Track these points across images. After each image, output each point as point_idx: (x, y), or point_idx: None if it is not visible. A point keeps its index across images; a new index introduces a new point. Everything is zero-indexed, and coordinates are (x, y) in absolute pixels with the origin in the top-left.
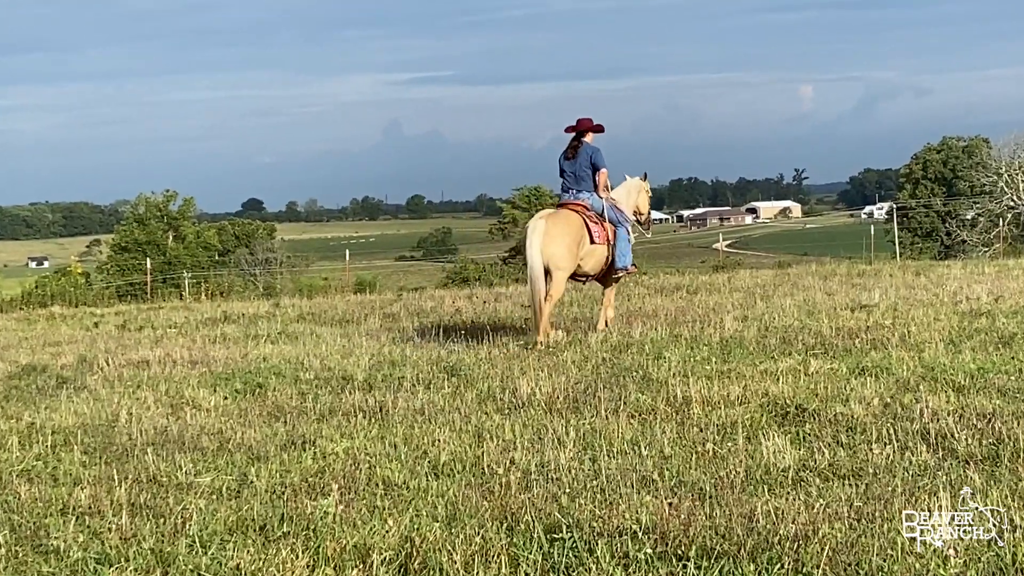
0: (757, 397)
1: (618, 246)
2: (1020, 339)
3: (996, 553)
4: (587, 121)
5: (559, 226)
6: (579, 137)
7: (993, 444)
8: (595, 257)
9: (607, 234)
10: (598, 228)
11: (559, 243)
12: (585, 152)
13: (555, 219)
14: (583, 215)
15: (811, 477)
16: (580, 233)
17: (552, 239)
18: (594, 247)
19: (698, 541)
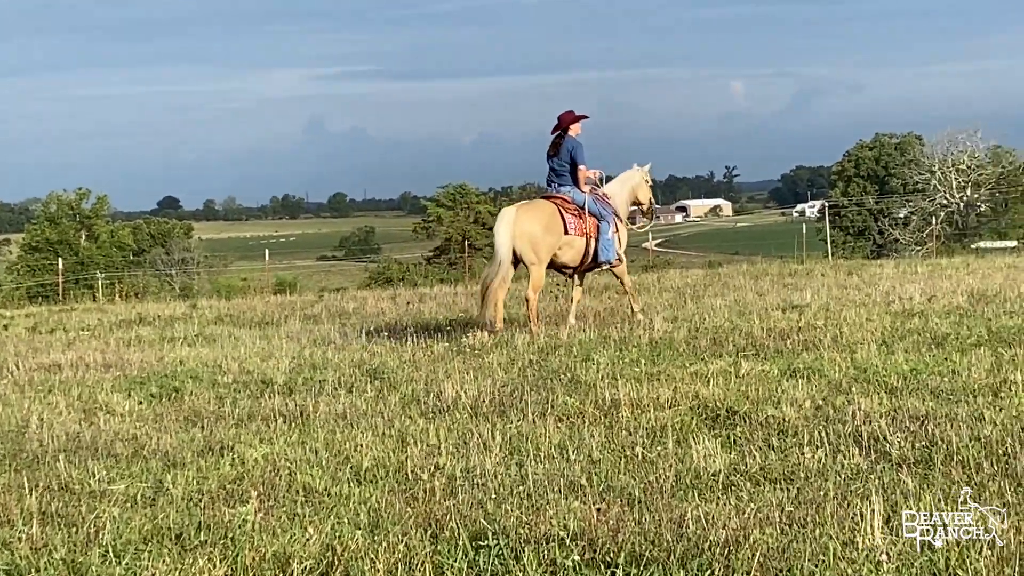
0: (687, 400)
1: (601, 240)
2: (953, 340)
3: (929, 558)
4: (568, 115)
5: (530, 214)
6: (563, 133)
7: (926, 447)
8: (573, 249)
9: (585, 227)
10: (575, 220)
11: (529, 230)
12: (566, 147)
13: (527, 207)
14: (560, 206)
15: (742, 481)
16: (554, 222)
17: (522, 225)
18: (570, 238)
19: (627, 548)
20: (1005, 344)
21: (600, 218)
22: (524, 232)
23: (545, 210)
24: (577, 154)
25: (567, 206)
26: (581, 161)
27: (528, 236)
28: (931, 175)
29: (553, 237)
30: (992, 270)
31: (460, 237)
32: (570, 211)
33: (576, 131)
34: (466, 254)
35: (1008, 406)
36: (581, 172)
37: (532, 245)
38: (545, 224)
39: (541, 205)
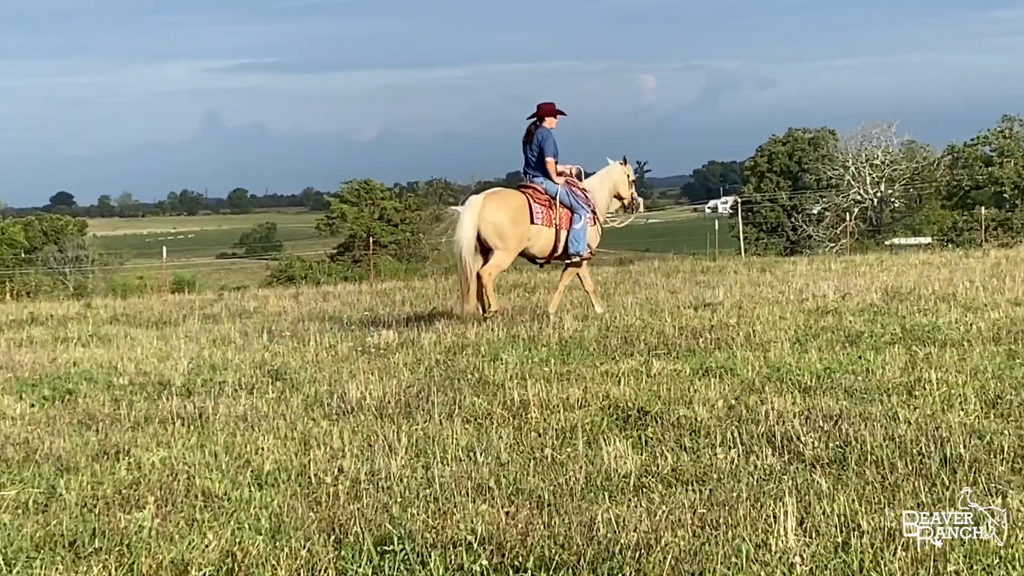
0: (598, 400)
1: (572, 231)
2: (867, 338)
3: (843, 560)
4: (548, 107)
5: (496, 203)
6: (539, 121)
7: (840, 446)
8: (541, 240)
9: (553, 217)
10: (543, 210)
11: (494, 219)
12: (537, 137)
13: (494, 196)
14: (529, 196)
15: (653, 483)
16: (521, 211)
17: (487, 214)
18: (537, 228)
19: (536, 551)
20: (919, 342)
21: (572, 210)
22: (489, 221)
23: (513, 200)
24: (545, 146)
25: (538, 196)
26: (548, 153)
27: (493, 224)
28: (845, 171)
29: (521, 228)
30: (906, 267)
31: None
32: (539, 201)
33: (551, 124)
34: (371, 251)
35: (922, 405)
36: (548, 163)
37: (498, 233)
38: (512, 215)
39: (509, 195)
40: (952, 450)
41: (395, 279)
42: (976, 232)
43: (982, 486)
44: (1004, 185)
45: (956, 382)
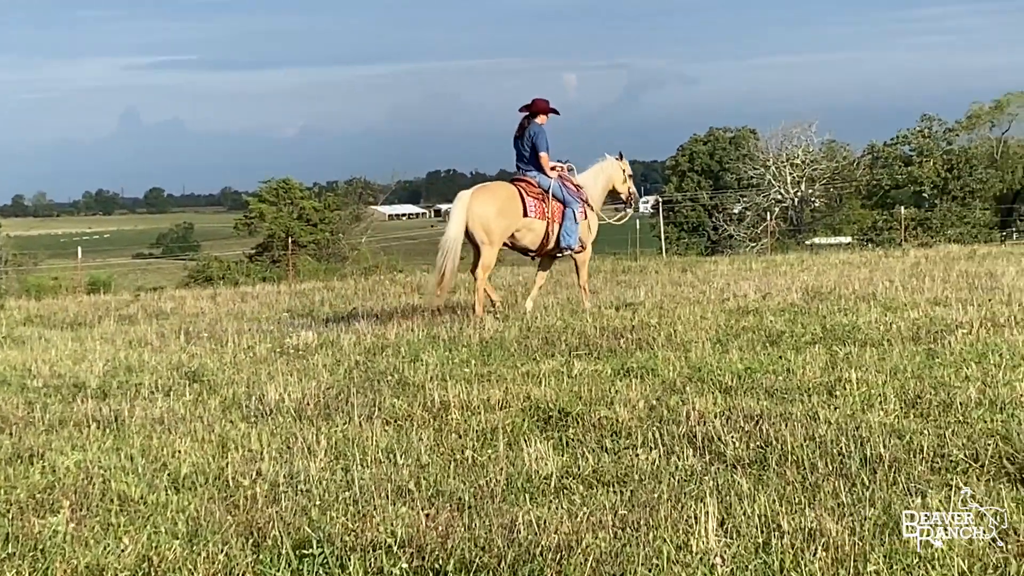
0: (518, 401)
1: (564, 225)
2: (788, 338)
3: (764, 561)
4: (541, 103)
5: (484, 196)
6: (531, 117)
7: (761, 447)
8: (533, 232)
9: (545, 211)
10: (536, 203)
11: (481, 212)
12: (529, 132)
13: (483, 190)
14: (522, 189)
15: (574, 484)
16: (510, 205)
17: (475, 207)
18: (530, 221)
19: (456, 554)
20: (839, 342)
21: (565, 204)
22: (476, 214)
23: (501, 193)
24: (538, 141)
25: (531, 189)
26: (541, 148)
27: (480, 218)
28: (766, 170)
29: (507, 220)
30: (826, 267)
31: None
32: (532, 194)
33: (543, 120)
34: (290, 251)
35: (842, 405)
36: (542, 158)
37: (484, 226)
38: (499, 207)
39: (498, 188)
40: (872, 450)
41: (314, 279)
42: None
43: (902, 486)
44: (923, 184)
45: (876, 382)
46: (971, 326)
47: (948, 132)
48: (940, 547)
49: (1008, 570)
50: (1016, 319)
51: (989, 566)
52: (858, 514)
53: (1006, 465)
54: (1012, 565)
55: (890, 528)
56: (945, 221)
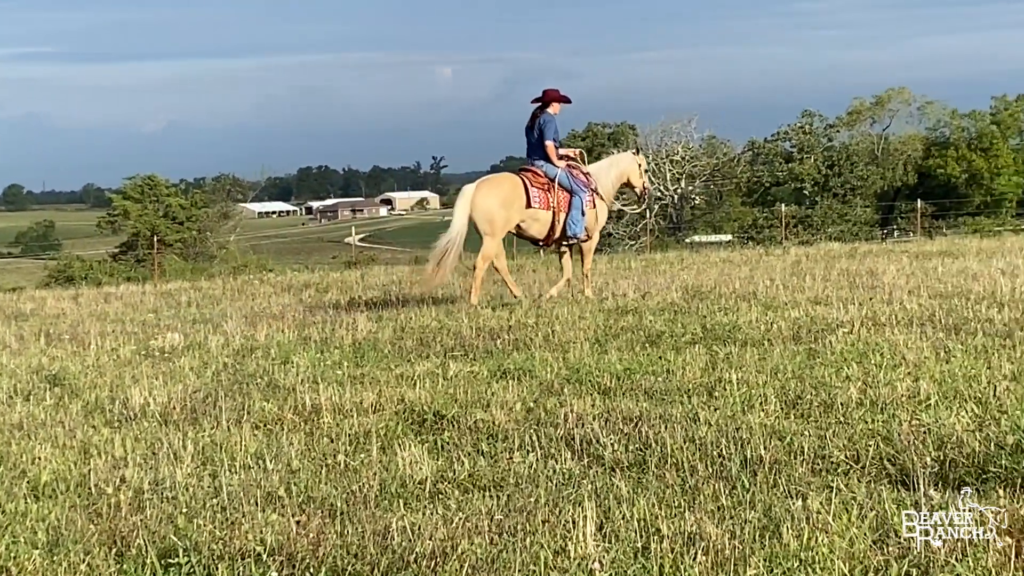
0: (392, 404)
1: (571, 214)
2: (667, 338)
3: (643, 565)
4: (553, 92)
5: (488, 188)
6: (544, 107)
7: (640, 449)
8: (539, 222)
9: (550, 200)
10: (541, 193)
11: (484, 203)
12: (539, 122)
13: (487, 181)
14: (527, 179)
15: (450, 489)
16: (513, 196)
17: (479, 199)
18: (534, 211)
19: (328, 562)
20: (720, 341)
21: (572, 193)
22: (479, 205)
23: (504, 185)
24: (546, 130)
25: (536, 180)
26: (548, 137)
27: (483, 209)
28: None
29: (510, 211)
30: (707, 265)
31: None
32: (537, 185)
33: (555, 110)
34: (155, 250)
35: (723, 406)
36: (548, 147)
37: (487, 217)
38: (502, 198)
39: (502, 179)
40: (752, 452)
41: (181, 279)
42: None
43: (782, 488)
44: (804, 182)
45: (757, 382)
46: (852, 325)
47: (829, 128)
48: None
49: (889, 572)
50: (897, 318)
51: (870, 569)
52: (738, 517)
53: (887, 466)
54: (893, 567)
55: (770, 531)
56: (826, 219)
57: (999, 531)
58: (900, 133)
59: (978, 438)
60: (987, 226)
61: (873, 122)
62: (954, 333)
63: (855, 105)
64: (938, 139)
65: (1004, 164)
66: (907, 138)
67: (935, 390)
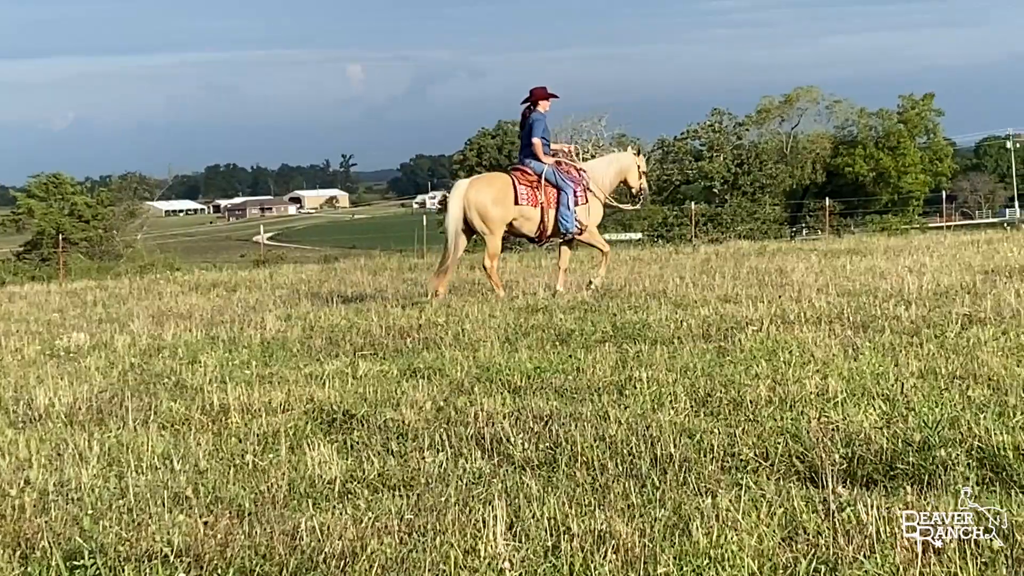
0: (301, 403)
1: (559, 210)
2: (578, 336)
3: (553, 564)
4: (540, 91)
5: (479, 185)
6: (533, 106)
7: (550, 448)
8: (530, 220)
9: (538, 197)
10: (528, 191)
11: (477, 201)
12: (529, 121)
13: (478, 179)
14: (515, 177)
15: (359, 489)
16: (503, 194)
17: (471, 197)
18: (522, 209)
19: (236, 563)
20: (630, 340)
21: (560, 189)
22: (472, 203)
23: (496, 183)
24: (534, 128)
25: (524, 177)
26: (535, 134)
27: (476, 206)
28: None
29: (502, 208)
30: (616, 263)
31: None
32: (524, 182)
33: (544, 107)
34: (61, 249)
35: (633, 404)
36: (534, 144)
37: (481, 215)
38: (494, 196)
39: (492, 177)
40: (662, 450)
41: (87, 278)
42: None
43: (692, 486)
44: (714, 180)
45: (666, 380)
46: (761, 323)
47: (739, 127)
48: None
49: (798, 569)
50: (806, 316)
51: (779, 566)
52: (648, 515)
53: (796, 463)
54: (801, 564)
55: (680, 529)
56: (735, 217)
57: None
58: (809, 131)
59: (886, 435)
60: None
61: (782, 121)
62: (862, 331)
63: (764, 104)
64: (846, 138)
65: (911, 162)
66: (815, 136)
67: (843, 388)
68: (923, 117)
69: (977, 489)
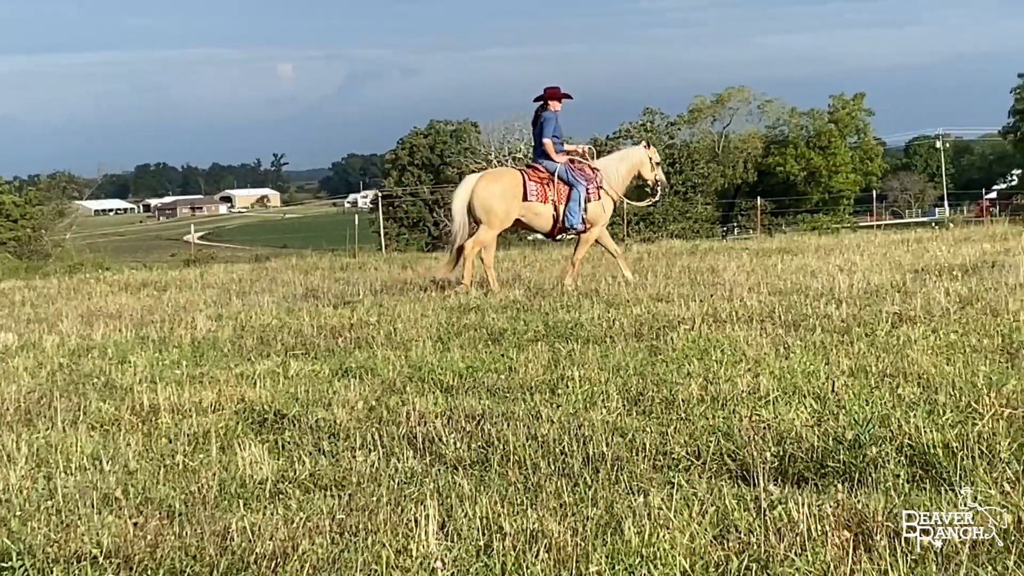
0: (232, 403)
1: (568, 206)
2: (510, 335)
3: (486, 563)
4: (553, 90)
5: (487, 180)
6: (545, 105)
7: (482, 447)
8: (541, 216)
9: (548, 194)
10: (538, 187)
11: (484, 194)
12: (541, 120)
13: (488, 174)
14: (527, 174)
15: (291, 489)
16: (514, 189)
17: (479, 190)
18: (532, 205)
19: (166, 564)
20: (562, 339)
21: (571, 185)
22: (479, 194)
23: (504, 178)
24: (545, 127)
25: (535, 175)
26: (546, 134)
27: (482, 199)
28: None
29: (508, 203)
30: (548, 262)
31: None
32: (535, 179)
33: (556, 107)
34: None
35: (565, 403)
36: (545, 144)
37: (484, 207)
38: (501, 190)
39: (502, 172)
40: (595, 449)
41: (14, 278)
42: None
43: (624, 485)
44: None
45: (599, 379)
46: (693, 322)
47: (671, 126)
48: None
49: (730, 567)
50: (737, 315)
51: (711, 564)
52: (580, 514)
53: (727, 462)
54: (733, 562)
55: (612, 527)
56: (667, 216)
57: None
58: (740, 131)
59: (817, 433)
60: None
61: (714, 120)
62: (793, 329)
63: (696, 103)
64: (777, 137)
65: (842, 162)
66: (747, 136)
67: (775, 386)
68: (854, 117)
69: (907, 487)
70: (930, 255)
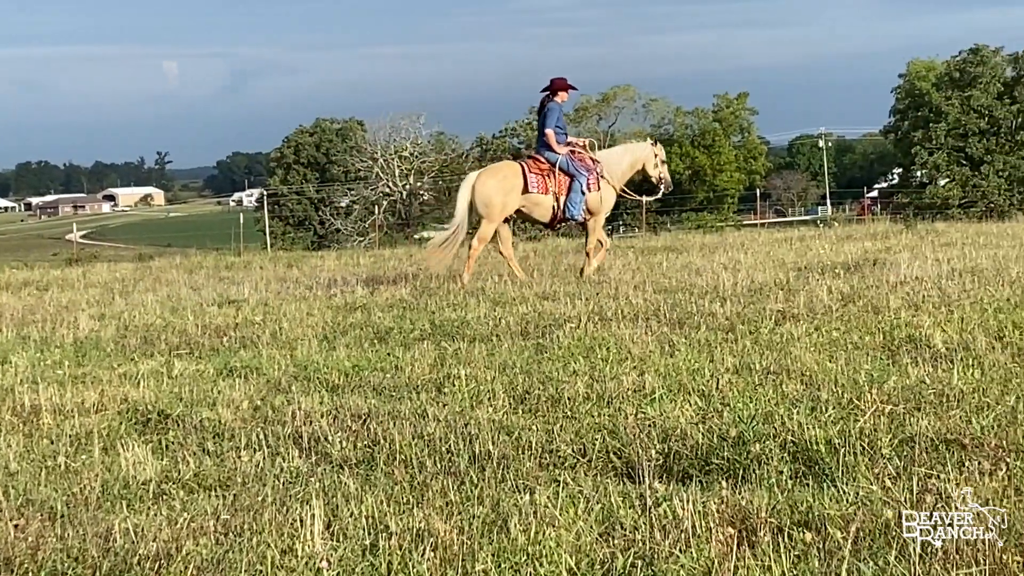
0: (115, 403)
1: (569, 196)
2: (396, 334)
3: (371, 563)
4: (559, 81)
5: (487, 174)
6: (551, 96)
7: (368, 446)
8: (541, 207)
9: (549, 185)
10: (539, 179)
11: (484, 189)
12: (544, 110)
13: (488, 169)
14: (527, 166)
15: (175, 489)
16: (513, 181)
17: (480, 185)
18: (533, 196)
19: (48, 566)
20: (448, 337)
21: (572, 176)
22: (479, 190)
23: (504, 171)
24: (548, 118)
25: (536, 166)
26: (547, 125)
27: (482, 194)
28: (374, 163)
29: (507, 196)
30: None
31: None
32: (536, 171)
33: (562, 98)
34: None
35: (451, 402)
36: (547, 135)
37: (484, 201)
38: (500, 184)
39: (501, 166)
40: (481, 447)
41: None
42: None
43: (510, 483)
44: None
45: (485, 378)
46: (579, 320)
47: None
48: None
49: (615, 564)
50: (623, 313)
51: (596, 561)
52: (467, 512)
53: (613, 459)
54: (619, 559)
55: (499, 526)
56: None
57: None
58: (625, 130)
59: (701, 430)
60: (710, 222)
61: (599, 119)
62: (678, 327)
63: (581, 102)
64: (662, 136)
65: (726, 161)
66: (632, 135)
67: (660, 384)
68: (737, 116)
69: (790, 483)
70: (812, 253)
